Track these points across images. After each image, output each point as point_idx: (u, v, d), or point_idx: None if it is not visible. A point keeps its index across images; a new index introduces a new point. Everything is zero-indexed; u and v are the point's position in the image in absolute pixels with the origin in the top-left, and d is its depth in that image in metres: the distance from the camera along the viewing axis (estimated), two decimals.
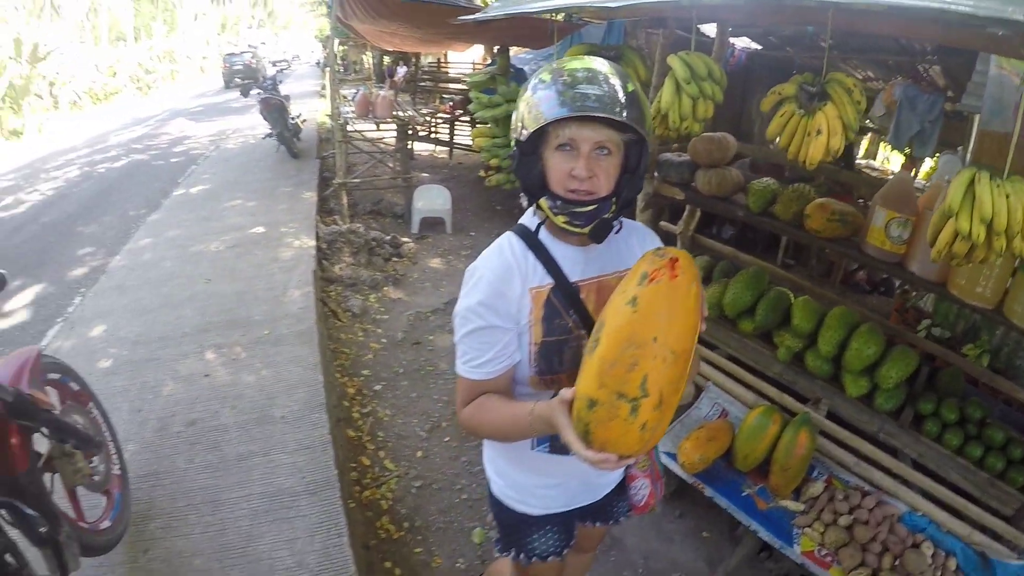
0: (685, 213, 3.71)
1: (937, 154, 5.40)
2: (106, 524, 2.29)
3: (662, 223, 4.17)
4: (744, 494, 2.57)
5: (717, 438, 2.64)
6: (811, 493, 2.56)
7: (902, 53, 4.20)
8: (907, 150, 5.09)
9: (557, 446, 1.48)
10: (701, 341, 3.14)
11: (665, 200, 3.04)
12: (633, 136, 1.25)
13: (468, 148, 9.08)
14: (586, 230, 1.29)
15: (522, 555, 1.74)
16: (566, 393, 1.15)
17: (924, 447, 2.64)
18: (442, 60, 11.87)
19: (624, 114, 1.18)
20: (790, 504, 2.54)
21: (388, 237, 6.19)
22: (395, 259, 5.95)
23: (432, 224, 6.82)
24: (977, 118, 4.21)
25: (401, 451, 3.48)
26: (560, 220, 1.28)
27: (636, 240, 1.48)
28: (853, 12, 2.04)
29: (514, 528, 1.72)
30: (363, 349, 4.44)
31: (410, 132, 7.31)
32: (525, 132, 1.23)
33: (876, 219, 2.37)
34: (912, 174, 6.15)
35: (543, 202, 1.29)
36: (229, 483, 2.81)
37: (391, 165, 7.36)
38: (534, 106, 1.21)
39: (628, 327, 1.08)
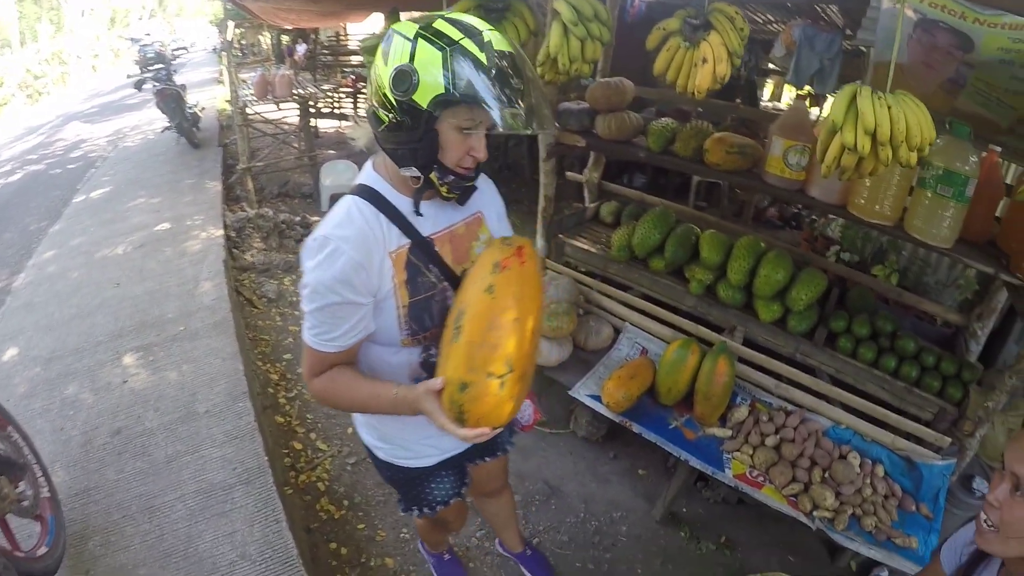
0: (590, 160, 3.73)
1: (838, 90, 5.57)
2: (43, 550, 2.18)
3: (568, 173, 4.19)
4: (672, 427, 2.63)
5: (639, 375, 2.68)
6: (736, 418, 2.63)
7: None
8: (808, 88, 5.27)
9: None
10: (614, 283, 3.24)
11: (567, 148, 3.04)
12: None
13: None
14: (456, 195, 1.36)
15: (425, 508, 1.80)
16: (433, 383, 1.24)
17: (840, 363, 2.76)
18: (341, 33, 11.51)
19: (544, 123, 1.23)
20: (717, 431, 2.61)
21: (298, 218, 6.01)
22: (307, 239, 5.76)
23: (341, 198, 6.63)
24: (872, 51, 4.38)
25: (331, 430, 3.43)
26: (443, 190, 1.32)
27: (479, 184, 1.49)
28: None
29: (410, 484, 1.77)
30: (282, 333, 4.35)
31: (312, 109, 7.07)
32: (436, 103, 1.16)
33: (774, 148, 2.42)
34: (814, 109, 6.40)
35: (432, 175, 1.28)
36: (162, 487, 2.72)
37: (295, 145, 7.12)
38: (453, 77, 1.14)
39: (489, 312, 1.21)
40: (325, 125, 9.64)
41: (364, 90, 8.62)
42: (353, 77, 9.03)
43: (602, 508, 2.98)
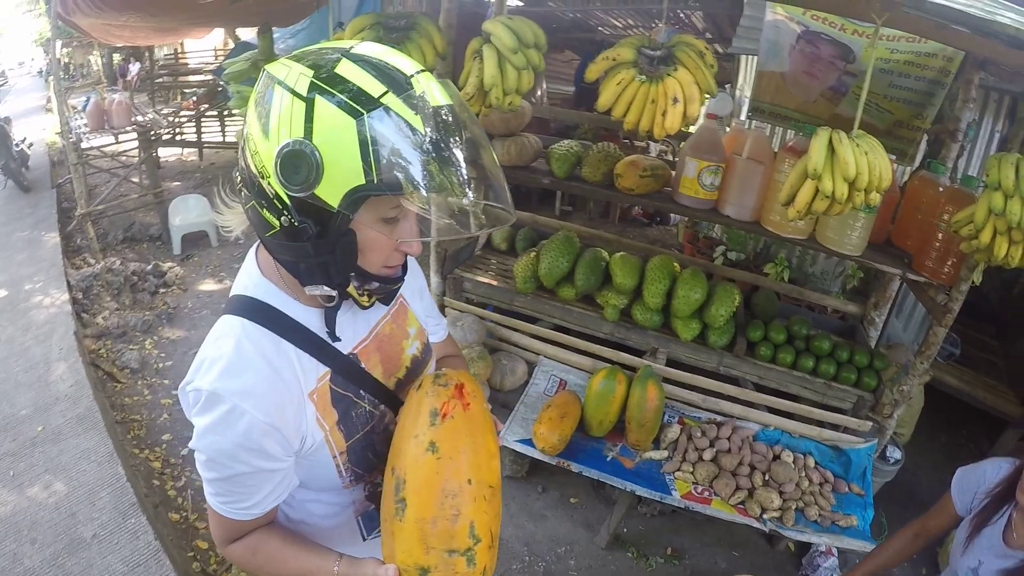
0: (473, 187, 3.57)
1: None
2: None
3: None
4: (609, 459, 2.58)
5: (568, 413, 2.59)
6: (670, 438, 2.63)
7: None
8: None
9: None
10: (523, 316, 3.08)
11: None
12: None
13: (219, 145, 8.25)
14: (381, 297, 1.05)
15: None
16: (383, 572, 0.96)
17: (762, 370, 2.82)
18: (179, 50, 10.60)
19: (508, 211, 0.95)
20: (654, 454, 2.59)
21: (150, 266, 5.35)
22: (163, 290, 5.19)
23: (195, 240, 6.06)
24: (745, 59, 4.53)
25: None
26: (365, 300, 1.00)
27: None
28: None
29: None
30: (155, 409, 3.80)
31: (153, 138, 6.39)
32: (341, 191, 0.80)
33: (688, 170, 2.41)
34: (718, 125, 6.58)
35: (351, 288, 0.96)
36: None
37: (137, 181, 6.41)
38: (376, 158, 0.78)
39: (437, 478, 0.96)
40: (167, 153, 8.82)
41: (208, 112, 7.97)
42: (195, 99, 8.30)
43: (545, 547, 2.89)
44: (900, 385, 2.54)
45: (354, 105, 0.78)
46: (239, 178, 0.93)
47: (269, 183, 0.83)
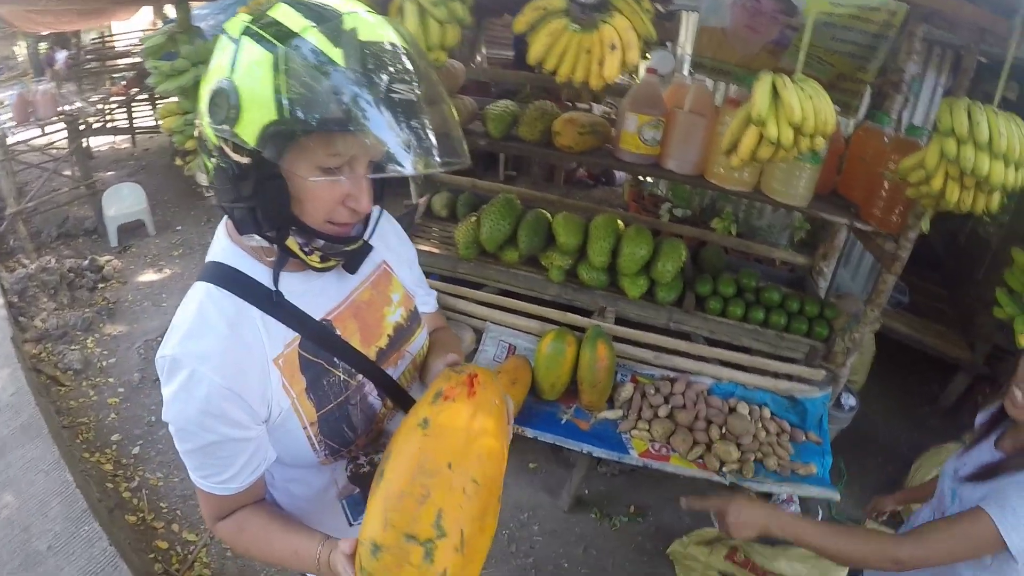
0: None
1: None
2: None
3: None
4: (564, 421, 2.54)
5: (519, 379, 2.54)
6: (624, 397, 2.61)
7: None
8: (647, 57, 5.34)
9: None
10: (466, 283, 2.99)
11: None
12: None
13: (151, 131, 7.95)
14: (341, 262, 0.99)
15: None
16: (345, 545, 0.89)
17: (713, 324, 2.82)
18: (107, 34, 10.12)
19: (461, 153, 0.87)
20: (609, 414, 2.57)
21: (86, 262, 5.13)
22: (101, 285, 4.99)
23: (132, 230, 5.86)
24: (686, 15, 4.49)
25: (194, 514, 2.95)
26: (315, 260, 0.94)
27: (378, 229, 1.12)
28: None
29: None
30: (102, 410, 3.67)
31: (83, 127, 6.09)
32: (273, 138, 0.78)
33: (628, 125, 2.36)
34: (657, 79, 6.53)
35: (291, 241, 0.91)
36: None
37: (68, 173, 6.11)
38: (288, 92, 0.75)
39: (418, 452, 0.88)
40: (98, 142, 8.48)
41: (138, 96, 7.64)
42: (124, 83, 7.95)
43: (508, 514, 2.89)
44: (851, 333, 2.58)
45: (273, 40, 0.77)
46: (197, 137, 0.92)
47: (203, 126, 0.85)
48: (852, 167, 2.43)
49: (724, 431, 2.49)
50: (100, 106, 7.19)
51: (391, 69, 0.79)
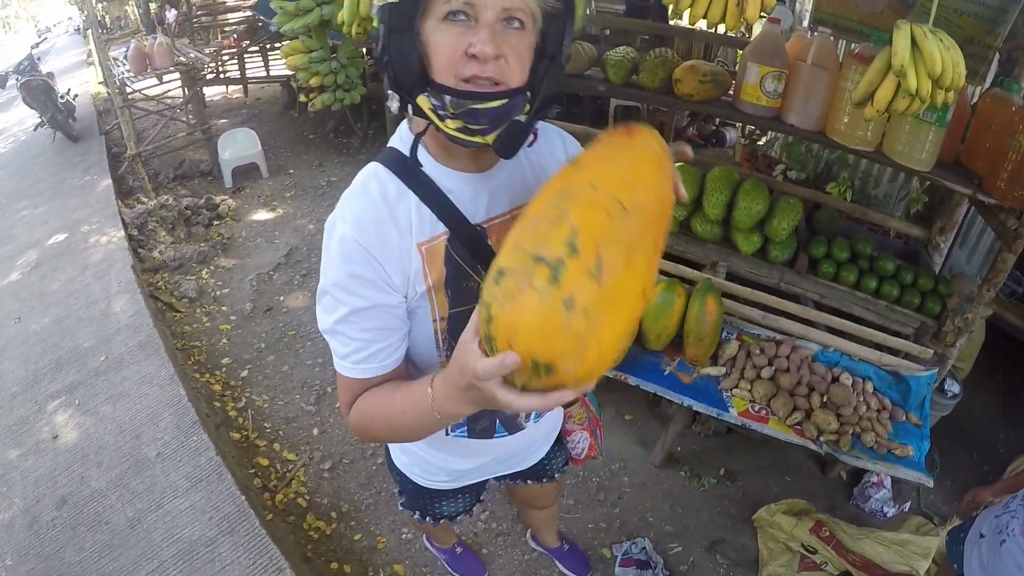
0: None
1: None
2: None
3: None
4: (666, 373, 2.54)
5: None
6: (728, 355, 2.58)
7: None
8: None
9: (477, 430, 1.26)
10: None
11: None
12: (556, 5, 0.87)
13: (263, 80, 8.24)
14: (490, 138, 0.87)
15: (428, 518, 1.60)
16: (466, 332, 0.79)
17: (824, 288, 2.74)
18: None
19: None
20: (712, 370, 2.55)
21: (202, 200, 5.45)
22: (216, 223, 5.28)
23: (246, 172, 6.13)
24: None
25: (295, 435, 3.13)
26: (451, 126, 0.86)
27: (556, 149, 1.11)
28: None
29: (421, 496, 1.55)
30: (214, 335, 3.92)
31: (197, 77, 6.40)
32: None
33: (750, 75, 2.29)
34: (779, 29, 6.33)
35: (423, 100, 0.86)
36: (134, 559, 2.37)
37: (184, 120, 6.43)
38: None
39: (560, 181, 0.78)
40: (212, 92, 8.88)
41: (250, 48, 7.94)
42: (235, 36, 8.26)
43: (599, 463, 2.92)
44: (964, 313, 2.47)
45: None
46: None
47: (373, 16, 0.87)
48: (977, 136, 2.29)
49: (825, 400, 2.44)
50: (213, 58, 7.53)
51: None
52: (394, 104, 0.89)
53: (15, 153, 8.00)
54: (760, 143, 4.50)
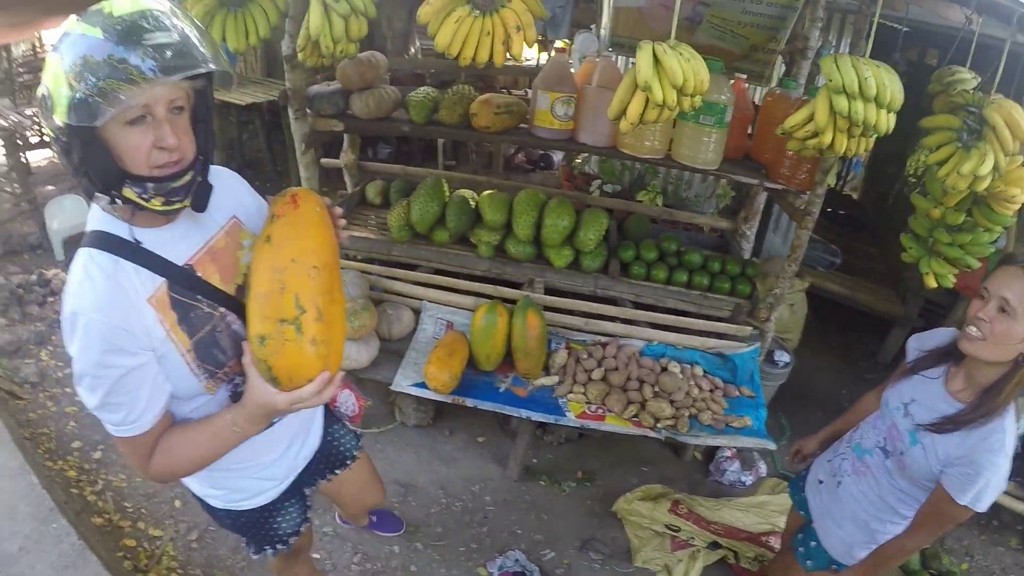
0: (345, 143, 3.51)
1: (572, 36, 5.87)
2: None
3: (323, 160, 3.94)
4: (502, 390, 2.65)
5: (456, 351, 2.64)
6: (558, 363, 2.73)
7: None
8: (539, 35, 5.42)
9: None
10: (401, 265, 3.11)
11: (323, 136, 2.81)
12: (202, 83, 1.10)
13: None
14: (187, 202, 1.14)
15: (279, 545, 1.67)
16: (246, 358, 1.16)
17: (638, 288, 2.95)
18: (39, 45, 9.89)
19: (210, 59, 1.02)
20: (545, 380, 2.68)
21: (34, 276, 5.07)
22: (51, 299, 4.93)
23: (77, 241, 5.70)
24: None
25: (158, 510, 2.99)
26: (156, 204, 1.09)
27: (223, 186, 1.31)
28: None
29: (256, 525, 1.64)
30: (61, 419, 3.67)
31: (20, 142, 6.00)
32: (74, 111, 0.94)
33: (541, 103, 2.45)
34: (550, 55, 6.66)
35: (128, 192, 1.05)
36: None
37: (8, 190, 6.02)
38: (73, 73, 0.93)
39: (268, 259, 1.14)
40: (36, 157, 8.28)
41: None
42: None
43: (460, 487, 2.97)
44: (773, 288, 2.70)
45: (56, 44, 0.97)
46: None
47: (45, 127, 1.04)
48: (762, 131, 2.55)
49: (657, 389, 2.61)
50: (37, 119, 7.06)
51: (147, 24, 0.96)
52: (102, 203, 1.11)
53: None
54: (577, 162, 4.77)
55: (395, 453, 3.15)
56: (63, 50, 0.95)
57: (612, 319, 2.84)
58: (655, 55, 1.82)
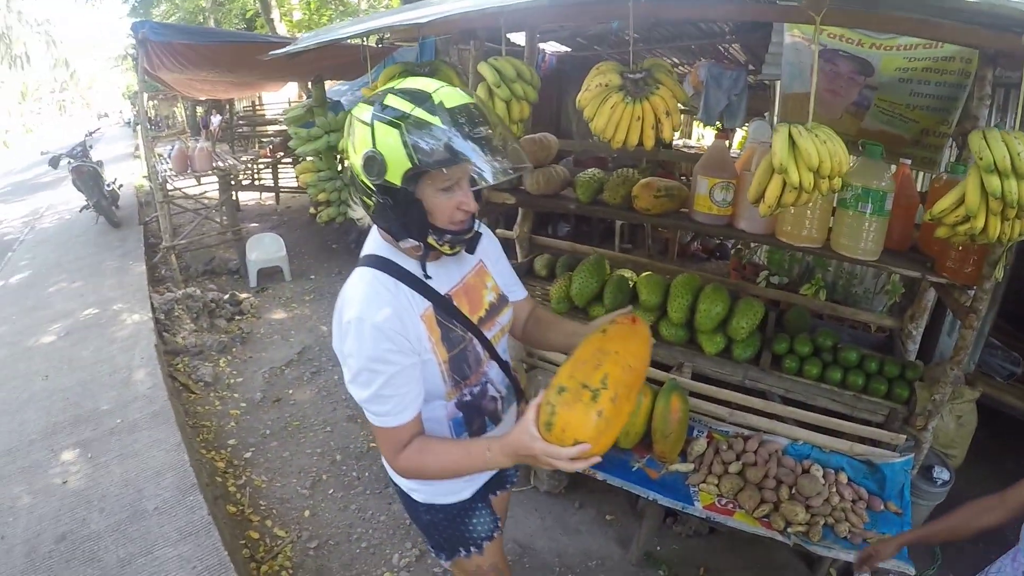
0: (519, 216, 3.74)
1: (747, 123, 5.87)
2: None
3: (498, 230, 4.21)
4: (635, 469, 2.62)
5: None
6: (696, 451, 2.65)
7: (703, 36, 4.47)
8: (719, 124, 5.46)
9: (473, 429, 1.62)
10: None
11: (498, 207, 3.04)
12: None
13: (295, 191, 8.75)
14: (465, 246, 1.41)
15: (472, 547, 1.76)
16: (527, 415, 1.30)
17: (788, 383, 2.84)
18: (257, 103, 11.38)
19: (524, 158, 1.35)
20: (680, 467, 2.62)
21: (227, 296, 5.85)
22: (238, 317, 5.63)
23: (270, 274, 6.59)
24: (779, 84, 4.63)
25: (287, 515, 3.28)
26: (447, 249, 1.37)
27: (485, 236, 1.55)
28: (652, 1, 2.11)
29: (453, 522, 1.74)
30: (224, 418, 4.17)
31: (233, 182, 6.92)
32: (399, 174, 1.22)
33: (700, 188, 2.50)
34: (727, 144, 6.62)
35: (431, 240, 1.33)
36: None
37: (218, 220, 6.94)
38: (415, 150, 1.19)
39: (597, 342, 1.39)
40: (246, 197, 9.44)
41: (283, 159, 8.49)
42: (271, 147, 8.88)
43: (577, 559, 2.94)
44: (933, 394, 2.48)
45: (395, 120, 1.21)
46: (353, 186, 1.38)
47: (361, 180, 1.29)
48: (931, 223, 2.40)
49: (794, 492, 2.46)
50: (250, 165, 8.11)
51: (470, 119, 1.24)
52: (408, 244, 1.37)
53: (59, 230, 8.66)
54: (745, 251, 4.69)
55: (522, 514, 3.18)
56: (405, 127, 1.20)
57: (758, 412, 2.74)
58: (791, 137, 1.81)
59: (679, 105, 2.24)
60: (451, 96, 1.25)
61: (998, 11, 1.45)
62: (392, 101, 1.23)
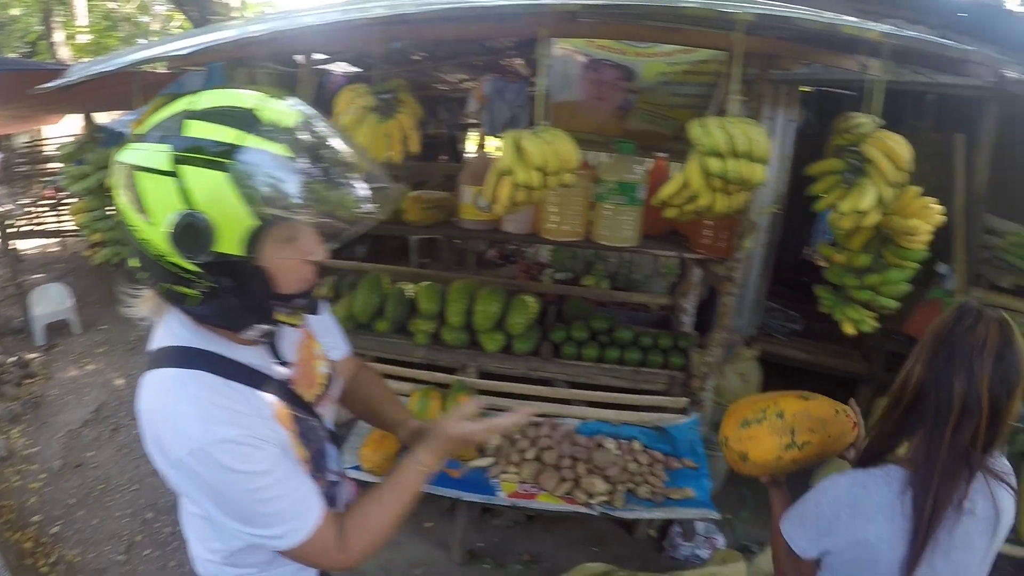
0: None
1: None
2: None
3: None
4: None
5: (389, 436, 2.66)
6: (493, 445, 2.76)
7: (487, 52, 4.62)
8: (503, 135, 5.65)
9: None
10: None
11: None
12: None
13: (80, 233, 8.01)
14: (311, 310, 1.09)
15: None
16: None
17: (569, 368, 3.03)
18: (37, 138, 10.27)
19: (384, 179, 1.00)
20: (480, 461, 2.70)
21: (13, 359, 5.28)
22: (27, 381, 5.12)
23: (58, 329, 6.00)
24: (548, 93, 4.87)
25: None
26: (297, 320, 1.03)
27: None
28: (426, 23, 2.19)
29: None
30: (24, 494, 3.78)
31: (10, 230, 6.22)
32: (237, 239, 0.86)
33: (465, 197, 2.62)
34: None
35: (279, 316, 0.99)
36: None
37: None
38: (259, 197, 0.84)
39: (804, 405, 1.67)
40: (27, 245, 8.54)
41: (68, 199, 7.73)
42: (55, 186, 8.07)
43: (403, 570, 2.96)
44: (705, 357, 2.74)
45: (217, 160, 0.82)
46: (138, 267, 0.96)
47: (172, 262, 0.88)
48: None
49: (590, 466, 2.62)
50: (29, 209, 7.32)
51: (317, 137, 0.89)
52: (251, 334, 1.01)
53: None
54: (528, 253, 4.99)
55: None
56: (235, 166, 0.83)
57: (545, 399, 2.91)
58: (516, 142, 1.98)
59: (463, 122, 2.34)
60: (281, 109, 0.89)
61: (703, 13, 1.71)
62: (198, 130, 0.84)
